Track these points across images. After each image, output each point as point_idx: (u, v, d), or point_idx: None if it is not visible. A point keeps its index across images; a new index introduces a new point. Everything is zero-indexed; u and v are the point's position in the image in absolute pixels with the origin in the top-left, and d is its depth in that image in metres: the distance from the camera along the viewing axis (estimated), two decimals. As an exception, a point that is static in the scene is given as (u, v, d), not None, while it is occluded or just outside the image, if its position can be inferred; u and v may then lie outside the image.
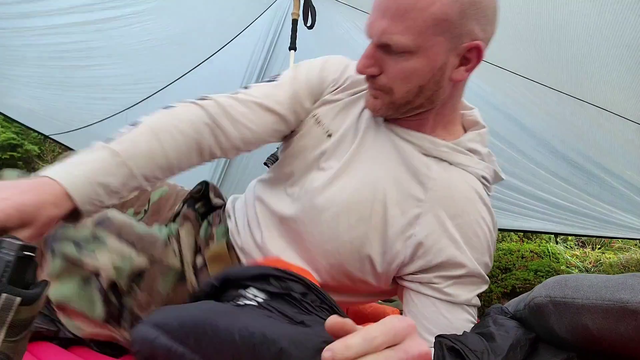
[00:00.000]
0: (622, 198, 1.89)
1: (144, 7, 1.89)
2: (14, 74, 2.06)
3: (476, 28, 0.65)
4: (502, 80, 1.79)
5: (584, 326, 0.57)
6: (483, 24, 0.65)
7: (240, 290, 0.72)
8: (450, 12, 0.62)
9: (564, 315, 0.60)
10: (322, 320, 0.62)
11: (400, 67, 0.67)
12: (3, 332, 0.39)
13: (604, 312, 0.54)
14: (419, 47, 0.64)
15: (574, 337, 0.60)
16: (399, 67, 0.67)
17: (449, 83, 0.69)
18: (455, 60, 0.67)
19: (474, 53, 0.66)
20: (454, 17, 0.63)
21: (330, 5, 2.05)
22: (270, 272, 0.74)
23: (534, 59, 1.60)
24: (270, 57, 2.41)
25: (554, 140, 1.89)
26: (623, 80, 1.42)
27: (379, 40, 0.67)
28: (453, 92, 0.73)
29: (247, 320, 0.57)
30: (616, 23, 1.24)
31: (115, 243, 0.83)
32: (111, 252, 0.81)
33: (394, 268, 0.75)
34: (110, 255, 0.81)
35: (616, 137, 1.69)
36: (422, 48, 0.64)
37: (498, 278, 2.61)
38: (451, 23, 0.63)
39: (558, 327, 0.62)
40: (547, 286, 0.65)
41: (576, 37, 1.37)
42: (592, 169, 1.87)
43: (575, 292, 0.59)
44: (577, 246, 2.97)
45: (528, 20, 1.41)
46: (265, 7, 2.19)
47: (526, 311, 0.69)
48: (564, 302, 0.60)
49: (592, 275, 0.61)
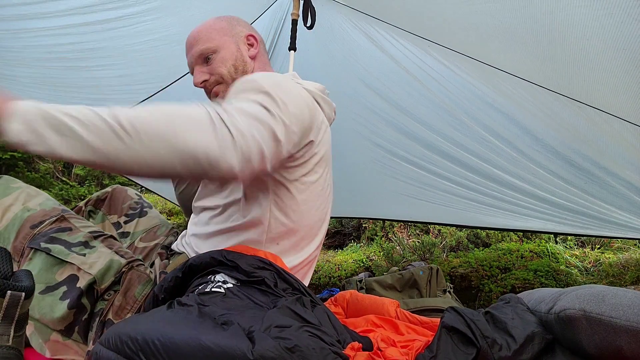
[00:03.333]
0: (622, 197, 1.90)
1: (143, 8, 1.89)
2: (14, 75, 2.06)
3: (241, 28, 1.14)
4: (501, 82, 1.79)
5: (618, 347, 0.54)
6: (242, 25, 1.15)
7: (209, 277, 0.73)
8: (222, 25, 1.11)
9: (597, 332, 0.57)
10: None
11: (216, 60, 1.07)
12: (12, 328, 0.39)
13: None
14: (217, 46, 1.08)
15: (602, 355, 0.57)
16: (215, 61, 1.07)
17: (250, 59, 1.11)
18: (244, 45, 1.12)
19: (251, 39, 1.13)
20: (226, 26, 1.11)
21: (330, 6, 2.05)
22: (239, 259, 0.75)
23: (532, 62, 1.60)
24: (270, 57, 2.42)
25: (553, 140, 1.90)
26: (621, 83, 1.43)
27: (198, 56, 1.09)
28: (258, 63, 1.13)
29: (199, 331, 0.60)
30: (613, 27, 1.25)
31: (106, 250, 0.95)
32: (101, 257, 0.92)
33: None
34: (100, 260, 0.91)
35: (615, 138, 1.69)
36: (219, 46, 1.08)
37: (498, 278, 2.61)
38: (227, 29, 1.11)
39: (586, 343, 0.59)
40: (582, 298, 0.61)
41: (574, 40, 1.37)
42: (592, 169, 1.88)
43: (613, 310, 0.56)
44: (577, 246, 2.98)
45: (526, 23, 1.42)
46: (265, 7, 2.20)
47: (552, 318, 0.67)
48: (599, 319, 0.57)
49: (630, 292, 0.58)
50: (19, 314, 0.42)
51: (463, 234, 3.43)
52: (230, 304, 0.68)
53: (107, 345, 0.61)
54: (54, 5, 1.76)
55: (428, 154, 2.32)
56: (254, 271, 0.74)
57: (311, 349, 0.60)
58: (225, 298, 0.68)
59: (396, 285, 1.96)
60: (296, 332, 0.62)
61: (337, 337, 0.69)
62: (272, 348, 0.57)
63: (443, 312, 0.69)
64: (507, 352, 0.60)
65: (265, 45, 1.21)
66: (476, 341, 0.61)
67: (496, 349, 0.60)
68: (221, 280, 0.73)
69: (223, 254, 0.78)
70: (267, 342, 0.58)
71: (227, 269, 0.76)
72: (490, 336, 0.61)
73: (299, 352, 0.58)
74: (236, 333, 0.59)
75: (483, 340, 0.61)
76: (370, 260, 3.38)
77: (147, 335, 0.59)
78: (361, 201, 3.00)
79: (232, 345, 0.56)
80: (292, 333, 0.61)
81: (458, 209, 2.50)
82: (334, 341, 0.67)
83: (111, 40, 1.98)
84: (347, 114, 2.46)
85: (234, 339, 0.58)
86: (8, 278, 0.45)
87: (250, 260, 0.77)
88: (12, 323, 0.38)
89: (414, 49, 1.96)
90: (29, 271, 0.50)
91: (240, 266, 0.75)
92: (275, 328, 0.62)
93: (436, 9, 1.62)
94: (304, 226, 1.00)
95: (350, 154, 2.66)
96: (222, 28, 1.11)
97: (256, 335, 0.59)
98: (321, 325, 0.68)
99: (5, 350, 0.41)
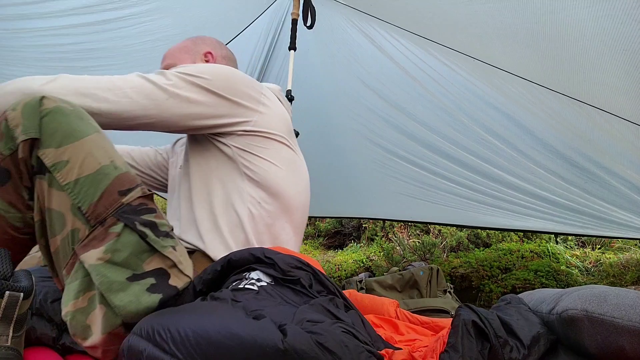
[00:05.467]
0: (622, 197, 1.90)
1: (143, 8, 1.89)
2: (14, 75, 2.05)
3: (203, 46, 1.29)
4: (501, 82, 1.79)
5: (620, 347, 0.54)
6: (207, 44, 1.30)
7: (244, 274, 0.73)
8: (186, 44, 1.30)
9: (599, 333, 0.57)
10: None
11: None
12: (11, 328, 0.39)
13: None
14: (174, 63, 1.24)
15: (604, 355, 0.58)
16: None
17: None
18: (201, 61, 1.27)
19: (208, 55, 1.28)
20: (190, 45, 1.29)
21: (330, 5, 2.05)
22: (277, 257, 0.75)
23: (532, 61, 1.60)
24: (270, 57, 2.42)
25: (553, 140, 1.90)
26: (621, 83, 1.43)
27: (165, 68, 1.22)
28: None
29: (230, 320, 0.60)
30: (613, 27, 1.25)
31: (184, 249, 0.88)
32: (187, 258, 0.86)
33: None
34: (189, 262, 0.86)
35: (615, 137, 1.69)
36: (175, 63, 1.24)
37: (498, 278, 2.61)
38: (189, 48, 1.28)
39: (589, 343, 0.59)
40: (584, 299, 0.61)
41: (574, 40, 1.37)
42: (592, 168, 1.87)
43: (616, 310, 0.56)
44: (577, 246, 2.97)
45: (526, 23, 1.42)
46: (265, 7, 2.20)
47: (554, 318, 0.67)
48: (602, 319, 0.57)
49: (632, 293, 0.59)
50: (17, 314, 0.42)
51: (463, 234, 3.43)
52: (263, 301, 0.67)
53: (139, 333, 0.63)
54: (54, 5, 1.76)
55: (428, 153, 2.32)
56: (291, 270, 0.74)
57: (344, 345, 0.58)
58: (257, 295, 0.69)
59: (396, 285, 1.95)
60: (329, 327, 0.60)
61: (370, 340, 0.68)
62: (304, 341, 0.56)
63: (456, 310, 0.69)
64: (517, 354, 0.60)
65: (232, 62, 1.34)
66: (492, 338, 0.61)
67: (507, 349, 0.60)
68: (255, 278, 0.73)
69: (262, 251, 0.78)
70: (300, 334, 0.57)
71: (264, 266, 0.76)
72: (502, 336, 0.61)
73: (331, 347, 0.56)
74: (268, 324, 0.59)
75: (496, 339, 0.61)
76: (371, 260, 3.38)
77: (179, 325, 0.60)
78: (361, 201, 3.00)
79: (263, 335, 0.56)
80: (325, 328, 0.60)
81: (458, 208, 2.50)
82: (368, 341, 0.65)
83: (111, 40, 1.98)
84: (347, 114, 2.46)
85: (265, 330, 0.57)
86: (7, 278, 0.44)
87: (288, 259, 0.77)
88: (10, 323, 0.38)
89: (414, 49, 1.96)
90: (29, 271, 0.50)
91: (277, 264, 0.75)
92: (307, 322, 0.61)
93: (436, 9, 1.62)
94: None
95: (350, 153, 2.66)
96: (185, 46, 1.28)
97: (288, 327, 0.58)
98: (354, 325, 0.66)
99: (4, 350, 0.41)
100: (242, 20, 2.23)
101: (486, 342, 0.61)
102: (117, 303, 0.70)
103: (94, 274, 0.70)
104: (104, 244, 0.73)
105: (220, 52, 1.31)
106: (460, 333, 0.62)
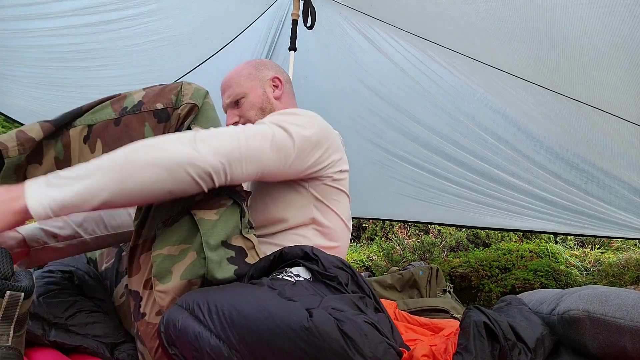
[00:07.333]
0: (621, 197, 1.90)
1: (144, 9, 1.89)
2: (14, 74, 2.06)
3: (267, 72, 1.24)
4: (500, 82, 1.79)
5: (622, 347, 0.54)
6: (269, 68, 1.25)
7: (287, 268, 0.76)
8: (249, 71, 1.23)
9: (601, 333, 0.57)
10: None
11: (245, 104, 1.20)
12: (12, 328, 0.40)
13: None
14: (245, 92, 1.20)
15: (606, 355, 0.58)
16: (244, 105, 1.20)
17: (275, 100, 1.22)
18: (270, 88, 1.23)
19: (276, 80, 1.24)
20: (253, 72, 1.23)
21: (330, 6, 2.05)
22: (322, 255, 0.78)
23: (531, 61, 1.60)
24: (270, 57, 2.42)
25: (553, 140, 1.90)
26: (621, 82, 1.43)
27: (230, 101, 1.21)
28: (283, 103, 1.23)
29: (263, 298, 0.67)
30: (613, 26, 1.25)
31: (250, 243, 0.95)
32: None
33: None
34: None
35: (614, 137, 1.69)
36: (246, 92, 1.20)
37: (498, 278, 2.61)
38: (254, 75, 1.22)
39: (590, 343, 0.59)
40: (585, 299, 0.62)
41: (573, 40, 1.37)
42: (591, 169, 1.88)
43: (617, 310, 0.56)
44: (577, 246, 2.98)
45: (525, 22, 1.42)
46: (265, 7, 2.20)
47: (555, 319, 0.67)
48: (603, 320, 0.57)
49: (633, 293, 0.59)
50: (18, 314, 0.42)
51: (463, 234, 3.43)
52: (297, 290, 0.72)
53: (180, 304, 0.72)
54: (55, 6, 1.77)
55: (428, 154, 2.32)
56: (332, 268, 0.78)
57: (363, 334, 0.60)
58: (293, 286, 0.73)
59: (396, 285, 1.96)
60: (352, 316, 0.63)
61: (393, 339, 0.69)
62: (328, 323, 0.59)
63: (465, 311, 0.69)
64: (525, 357, 0.60)
65: (290, 83, 1.29)
66: (502, 340, 0.61)
67: (515, 352, 0.61)
68: (294, 273, 0.78)
69: (311, 248, 0.83)
70: (325, 317, 0.61)
71: (308, 262, 0.80)
72: (511, 339, 0.62)
73: (350, 333, 0.59)
74: (297, 305, 0.64)
75: (505, 341, 0.61)
76: (370, 260, 3.39)
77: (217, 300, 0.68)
78: (361, 201, 3.00)
79: (291, 313, 0.61)
80: (348, 316, 0.63)
81: (458, 209, 2.50)
82: (390, 337, 0.66)
83: (111, 41, 1.98)
84: (347, 114, 2.46)
85: (294, 308, 0.63)
86: (8, 278, 0.45)
87: (332, 259, 0.81)
88: (11, 323, 0.38)
89: (413, 50, 1.96)
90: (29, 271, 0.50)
91: (321, 261, 0.79)
92: (332, 309, 0.64)
93: (436, 9, 1.62)
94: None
95: (350, 154, 2.65)
96: (250, 74, 1.23)
97: (315, 310, 0.62)
98: (379, 322, 0.68)
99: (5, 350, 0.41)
100: (242, 21, 2.23)
101: (496, 344, 0.62)
102: (210, 256, 0.81)
103: (202, 225, 0.82)
104: (215, 210, 0.85)
105: (283, 75, 1.26)
106: (472, 334, 0.63)
